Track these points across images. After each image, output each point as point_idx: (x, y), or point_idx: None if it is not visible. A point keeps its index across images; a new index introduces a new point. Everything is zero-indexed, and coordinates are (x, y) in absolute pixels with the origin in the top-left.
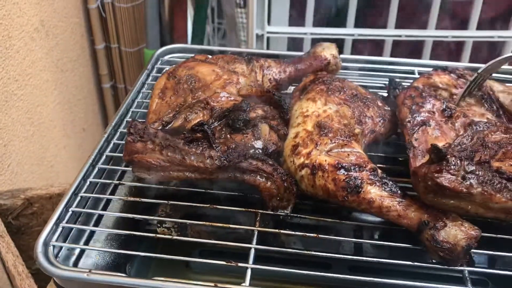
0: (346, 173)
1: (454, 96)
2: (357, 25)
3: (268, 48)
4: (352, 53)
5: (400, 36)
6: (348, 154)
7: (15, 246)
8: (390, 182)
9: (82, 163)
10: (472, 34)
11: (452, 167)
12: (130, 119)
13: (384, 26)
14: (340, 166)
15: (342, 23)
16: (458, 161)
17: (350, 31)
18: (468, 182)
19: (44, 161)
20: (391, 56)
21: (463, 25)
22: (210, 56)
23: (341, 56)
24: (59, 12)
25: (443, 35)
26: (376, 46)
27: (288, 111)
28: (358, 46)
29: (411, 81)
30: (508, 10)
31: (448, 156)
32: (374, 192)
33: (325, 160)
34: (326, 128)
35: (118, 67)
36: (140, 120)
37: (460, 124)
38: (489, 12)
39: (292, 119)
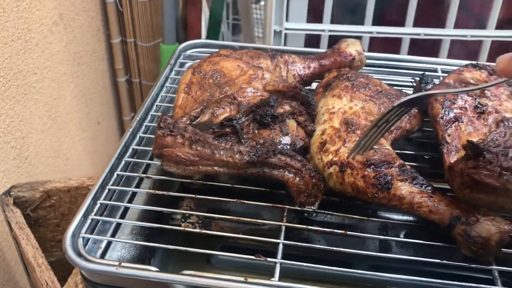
0: (375, 170)
1: (486, 92)
2: (375, 22)
3: (285, 44)
4: (369, 51)
5: (419, 34)
6: (376, 151)
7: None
8: (420, 178)
9: (97, 157)
10: (490, 33)
11: (489, 163)
12: (155, 113)
13: (402, 24)
14: (369, 163)
15: (360, 21)
16: (495, 157)
17: (368, 29)
18: (505, 178)
19: (60, 154)
20: (408, 55)
21: (482, 24)
22: (234, 51)
23: (366, 53)
24: (77, 5)
25: (462, 34)
26: (393, 45)
27: (315, 107)
28: (375, 44)
29: (435, 79)
30: None
31: (485, 152)
32: (404, 188)
33: (354, 158)
34: (353, 125)
35: (134, 61)
36: (169, 115)
37: (492, 120)
38: (509, 12)
39: (318, 116)
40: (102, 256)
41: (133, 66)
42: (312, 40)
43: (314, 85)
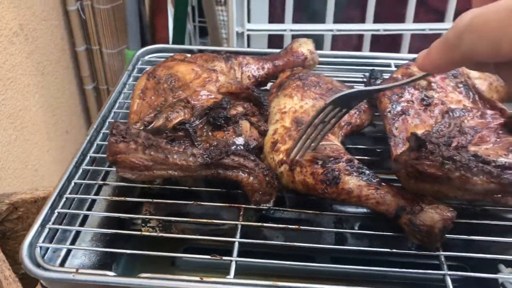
0: (323, 166)
1: (432, 84)
2: (336, 20)
3: (249, 46)
4: (332, 49)
5: (378, 30)
6: (325, 148)
7: (1, 251)
8: (367, 171)
9: (66, 166)
10: (449, 26)
11: (430, 153)
12: (113, 120)
13: (362, 21)
14: (316, 160)
15: (321, 19)
16: (436, 147)
17: (329, 27)
18: (446, 167)
19: (28, 165)
20: (371, 51)
21: (441, 18)
22: (189, 55)
23: (318, 51)
24: (38, 15)
25: (420, 28)
26: (356, 41)
27: (267, 108)
28: (338, 42)
29: (389, 74)
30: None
31: (427, 143)
32: (352, 182)
33: (293, 160)
34: (303, 124)
35: (100, 68)
36: (122, 121)
37: (439, 112)
38: (466, 5)
39: (270, 116)
40: (62, 264)
41: (100, 73)
42: (276, 40)
43: (270, 85)
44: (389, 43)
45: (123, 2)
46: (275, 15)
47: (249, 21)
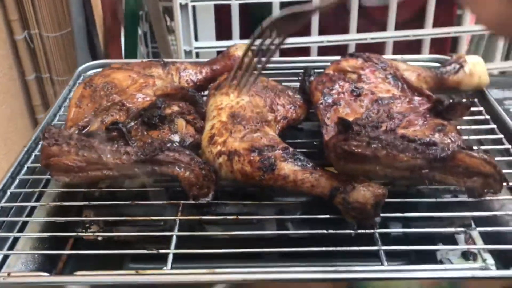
0: (260, 154)
1: (362, 77)
2: None
3: None
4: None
5: (322, 42)
6: (261, 138)
7: None
8: (302, 157)
9: None
10: (390, 35)
11: (357, 134)
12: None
13: (308, 34)
14: (253, 148)
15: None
16: (362, 129)
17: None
18: (373, 146)
19: None
20: None
21: (383, 28)
22: (126, 64)
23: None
24: None
25: (362, 37)
26: (305, 53)
27: (203, 105)
28: (286, 54)
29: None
30: (420, 12)
31: (353, 125)
32: (287, 167)
33: (240, 145)
34: (239, 117)
35: (52, 96)
36: (53, 125)
37: (368, 101)
38: (405, 15)
39: (207, 114)
40: None
41: (52, 101)
42: None
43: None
44: (337, 54)
45: (71, 29)
46: (223, 32)
47: (196, 39)
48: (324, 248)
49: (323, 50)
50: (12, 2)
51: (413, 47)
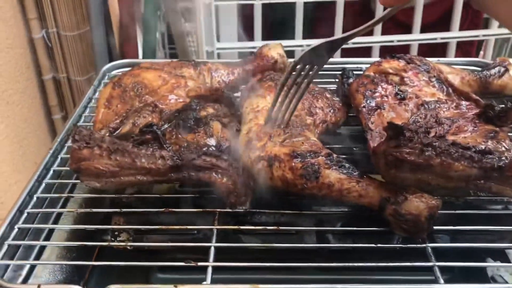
0: (302, 160)
1: (405, 80)
2: (305, 36)
3: None
4: None
5: (347, 43)
6: (302, 143)
7: None
8: (347, 164)
9: None
10: (416, 37)
11: (409, 140)
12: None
13: (332, 35)
14: (295, 154)
15: (291, 35)
16: (415, 135)
17: (298, 43)
18: (427, 154)
19: None
20: None
21: (408, 30)
22: (156, 62)
23: (290, 59)
24: (2, 42)
25: (389, 39)
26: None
27: (238, 107)
28: None
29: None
30: (446, 14)
31: (405, 131)
32: (332, 175)
33: (280, 150)
34: (277, 120)
35: (68, 97)
36: (84, 126)
37: (413, 105)
38: (429, 17)
39: (243, 116)
40: (25, 282)
41: (68, 101)
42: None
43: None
44: (360, 55)
45: (90, 28)
46: (245, 33)
47: (218, 40)
48: (375, 264)
49: (346, 52)
50: (31, 0)
51: (438, 50)
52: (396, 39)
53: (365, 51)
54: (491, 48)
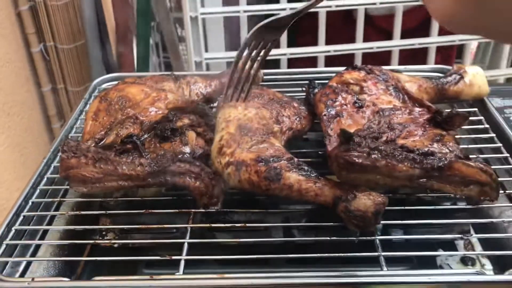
0: (266, 164)
1: (365, 89)
2: (289, 45)
3: None
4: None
5: (329, 51)
6: (267, 148)
7: None
8: (306, 167)
9: None
10: (395, 43)
11: (358, 145)
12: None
13: (315, 44)
14: (260, 159)
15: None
16: (363, 140)
17: (283, 51)
18: (373, 157)
19: None
20: None
21: (389, 37)
22: (139, 78)
23: (264, 70)
24: (2, 57)
25: (368, 46)
26: (313, 62)
27: (212, 118)
28: (295, 64)
29: None
30: (426, 21)
31: (354, 137)
32: (292, 177)
33: (247, 156)
34: (246, 129)
35: (66, 107)
36: (72, 138)
37: (370, 112)
38: (410, 23)
39: (216, 125)
40: (21, 277)
41: (67, 111)
42: None
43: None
44: (344, 63)
45: (86, 41)
46: (233, 44)
47: (206, 50)
48: (327, 254)
49: (330, 59)
50: (28, 16)
51: (419, 56)
52: (375, 46)
53: (348, 58)
54: (469, 53)
